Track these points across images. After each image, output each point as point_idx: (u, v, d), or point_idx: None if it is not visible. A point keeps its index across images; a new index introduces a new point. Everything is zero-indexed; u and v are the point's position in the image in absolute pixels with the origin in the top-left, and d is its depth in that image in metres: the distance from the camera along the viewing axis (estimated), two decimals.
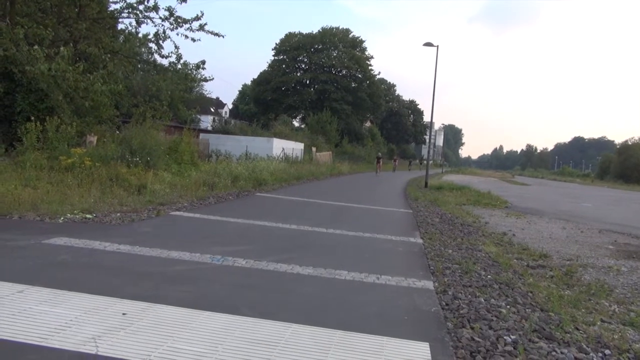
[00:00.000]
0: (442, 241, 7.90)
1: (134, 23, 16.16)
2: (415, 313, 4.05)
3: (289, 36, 58.88)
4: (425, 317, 3.97)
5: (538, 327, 3.90)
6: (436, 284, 5.01)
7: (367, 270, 5.30)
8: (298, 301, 4.12)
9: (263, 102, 58.35)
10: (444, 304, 4.36)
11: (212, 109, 64.31)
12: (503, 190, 27.46)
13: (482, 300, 4.53)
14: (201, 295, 4.02)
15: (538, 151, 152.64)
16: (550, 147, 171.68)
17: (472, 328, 3.76)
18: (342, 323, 3.60)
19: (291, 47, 57.88)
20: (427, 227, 9.44)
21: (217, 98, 72.84)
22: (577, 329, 4.05)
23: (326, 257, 5.90)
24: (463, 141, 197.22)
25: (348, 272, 5.15)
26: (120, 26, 17.90)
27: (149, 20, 15.81)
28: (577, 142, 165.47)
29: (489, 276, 5.62)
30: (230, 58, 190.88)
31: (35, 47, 12.25)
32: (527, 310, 4.40)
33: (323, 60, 57.06)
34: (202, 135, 27.68)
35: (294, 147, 31.61)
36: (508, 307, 4.41)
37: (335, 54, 58.16)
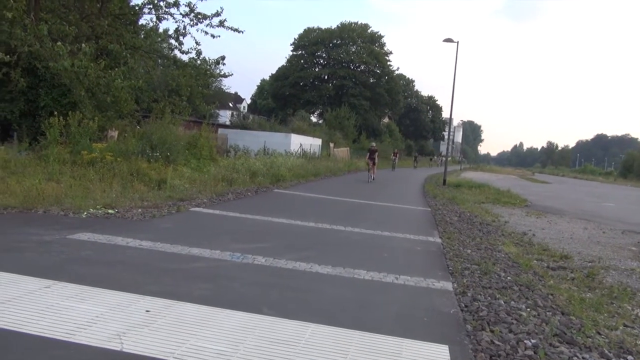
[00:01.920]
0: (460, 240, 7.86)
1: (154, 19, 16.35)
2: (434, 314, 4.05)
3: (308, 31, 58.85)
4: (444, 318, 3.97)
5: (559, 331, 3.86)
6: (455, 285, 5.00)
7: (386, 270, 5.30)
8: (317, 301, 4.15)
9: (281, 98, 58.50)
10: (463, 305, 4.35)
11: (230, 104, 64.66)
12: (523, 188, 27.15)
13: (502, 303, 4.50)
14: (222, 293, 4.07)
15: (559, 148, 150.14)
16: (572, 144, 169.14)
17: (491, 331, 3.75)
18: (361, 323, 3.62)
19: (310, 42, 57.85)
20: (446, 226, 9.39)
21: (236, 93, 73.20)
22: (599, 333, 4.00)
23: (345, 256, 5.91)
24: (482, 138, 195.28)
25: (367, 272, 5.16)
26: (140, 21, 18.13)
27: (169, 16, 15.98)
28: (600, 139, 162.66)
29: (508, 277, 5.58)
30: (248, 53, 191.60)
31: (59, 43, 12.45)
32: (547, 313, 4.36)
33: (341, 55, 56.93)
34: (220, 131, 27.90)
35: (312, 143, 31.66)
36: (528, 310, 4.38)
37: (353, 49, 57.96)
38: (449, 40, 23.55)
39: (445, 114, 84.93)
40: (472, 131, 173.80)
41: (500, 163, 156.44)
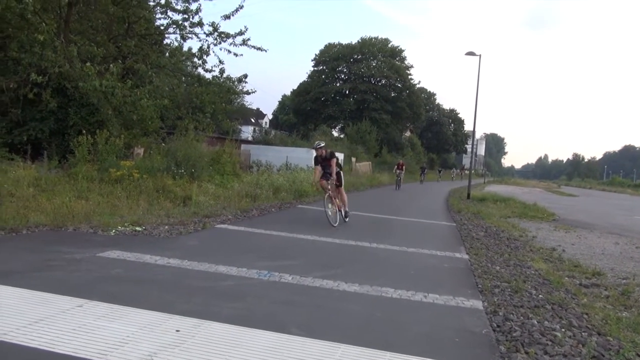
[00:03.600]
0: (488, 257, 7.72)
1: (179, 38, 16.68)
2: (465, 335, 3.97)
3: (329, 47, 59.23)
4: (476, 339, 3.88)
5: (597, 353, 3.74)
6: (485, 304, 4.89)
7: (414, 288, 5.23)
8: (346, 320, 4.10)
9: (303, 113, 58.79)
10: (495, 325, 4.25)
11: (252, 120, 65.29)
12: (549, 201, 26.60)
13: (535, 322, 4.38)
14: (250, 312, 4.07)
15: (585, 160, 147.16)
16: (599, 156, 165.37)
17: (526, 353, 3.64)
18: (391, 344, 3.56)
19: (330, 57, 58.19)
20: (472, 242, 9.25)
21: (258, 109, 73.82)
22: (639, 355, 3.86)
23: (371, 274, 5.86)
24: (506, 150, 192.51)
25: (394, 290, 5.10)
26: (165, 41, 18.52)
27: (193, 36, 16.27)
28: (628, 150, 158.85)
29: (540, 296, 5.45)
30: (270, 69, 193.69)
31: (88, 64, 12.79)
32: (583, 333, 4.23)
33: (362, 70, 57.05)
34: (243, 146, 28.11)
35: None
36: (563, 330, 4.26)
37: (374, 64, 58.05)
38: (471, 53, 23.43)
39: (467, 127, 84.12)
40: (496, 144, 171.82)
41: (524, 176, 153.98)
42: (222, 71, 16.84)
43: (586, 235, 12.16)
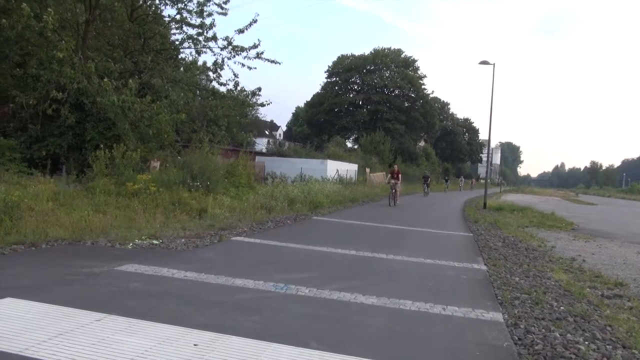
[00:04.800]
0: (507, 268, 7.61)
1: (194, 53, 16.91)
2: (486, 348, 3.89)
3: (342, 58, 59.53)
4: (498, 353, 3.81)
5: None
6: (506, 316, 4.81)
7: (433, 300, 5.17)
8: (364, 333, 4.06)
9: (316, 124, 59.01)
10: (517, 338, 4.17)
11: (266, 132, 65.73)
12: (567, 210, 26.25)
13: (558, 335, 4.29)
14: (268, 325, 4.04)
15: (603, 168, 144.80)
16: (617, 163, 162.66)
17: None
18: (412, 358, 3.51)
19: (344, 69, 58.46)
20: (490, 252, 9.13)
21: (272, 121, 74.40)
22: None
23: (389, 286, 5.81)
24: (522, 159, 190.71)
25: (413, 302, 5.04)
26: (181, 55, 18.77)
27: (208, 50, 16.49)
28: None
29: (562, 307, 5.34)
30: (283, 81, 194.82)
31: (105, 79, 13.01)
32: (607, 346, 4.13)
33: (375, 80, 57.18)
34: (257, 158, 28.22)
35: (348, 169, 31.64)
36: (587, 343, 4.16)
37: (387, 75, 58.17)
38: (484, 62, 23.34)
39: (482, 136, 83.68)
40: (511, 152, 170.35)
41: (541, 184, 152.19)
42: (236, 84, 17.03)
43: (606, 245, 11.94)
